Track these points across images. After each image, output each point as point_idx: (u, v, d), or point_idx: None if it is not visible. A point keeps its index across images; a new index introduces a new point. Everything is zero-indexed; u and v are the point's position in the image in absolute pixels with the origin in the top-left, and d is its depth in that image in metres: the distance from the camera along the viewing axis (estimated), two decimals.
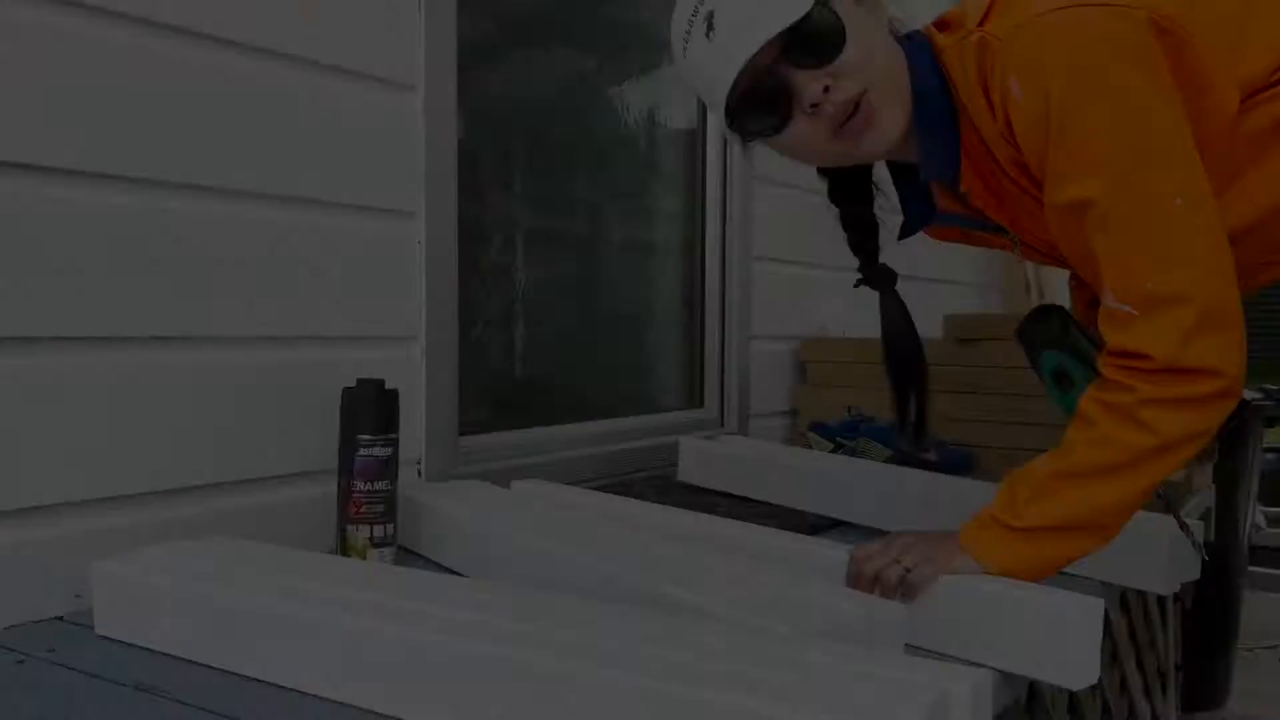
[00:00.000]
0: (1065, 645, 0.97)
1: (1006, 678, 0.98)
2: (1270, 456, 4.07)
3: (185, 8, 1.21)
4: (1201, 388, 0.97)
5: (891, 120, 1.08)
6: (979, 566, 1.04)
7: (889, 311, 1.29)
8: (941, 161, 1.12)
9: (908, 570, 1.04)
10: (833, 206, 1.28)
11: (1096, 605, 0.97)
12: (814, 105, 1.05)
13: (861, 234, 1.29)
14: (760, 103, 1.07)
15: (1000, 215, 1.17)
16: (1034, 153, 1.02)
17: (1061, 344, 1.24)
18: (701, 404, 2.28)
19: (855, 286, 1.32)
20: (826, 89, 1.04)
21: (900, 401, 1.31)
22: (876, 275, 1.29)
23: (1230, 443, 2.37)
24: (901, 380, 1.30)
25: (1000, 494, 1.07)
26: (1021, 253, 1.26)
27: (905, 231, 1.28)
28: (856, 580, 1.07)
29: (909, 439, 1.33)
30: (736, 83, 1.04)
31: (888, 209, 1.29)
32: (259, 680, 0.90)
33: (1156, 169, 0.97)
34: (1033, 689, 1.37)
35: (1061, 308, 1.30)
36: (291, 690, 0.88)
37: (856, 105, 1.05)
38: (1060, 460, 1.04)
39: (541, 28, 1.89)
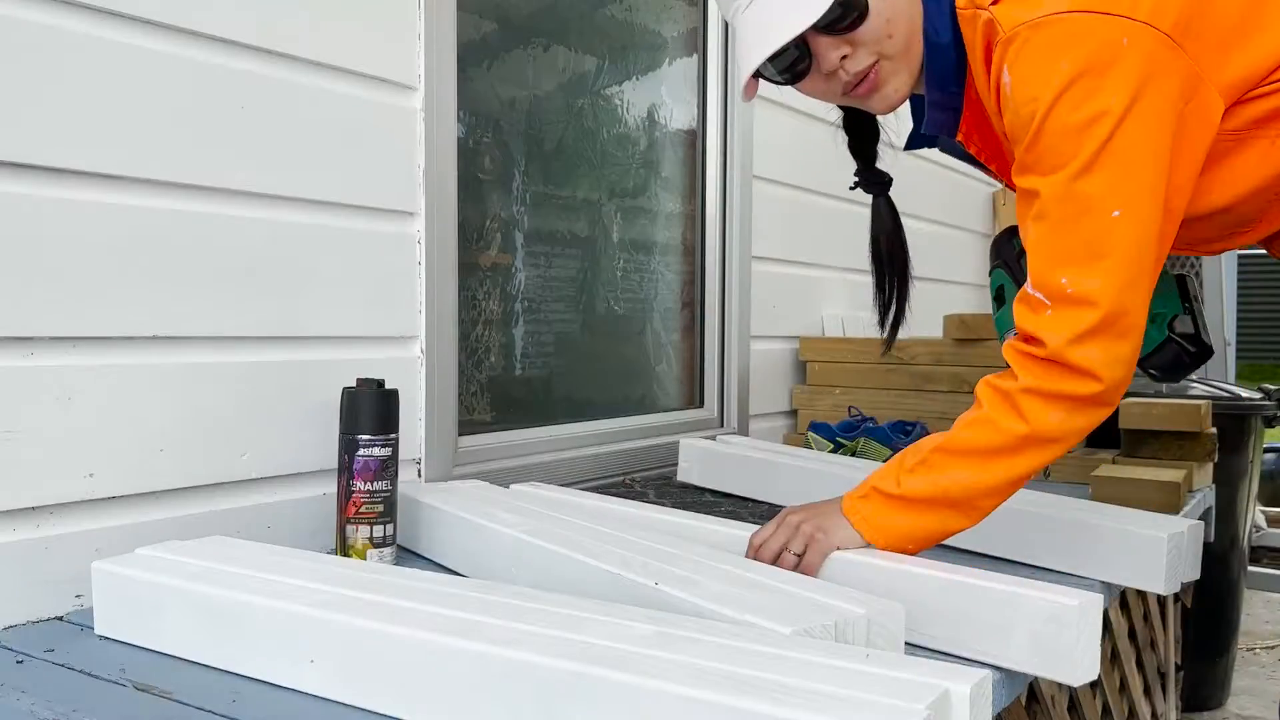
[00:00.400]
0: (1065, 642, 0.97)
1: (1007, 676, 0.98)
2: (1270, 456, 4.07)
3: (185, 8, 1.21)
4: (1078, 387, 1.03)
5: (897, 88, 1.15)
6: (859, 536, 1.10)
7: (879, 213, 1.35)
8: (940, 121, 1.19)
9: (798, 556, 1.11)
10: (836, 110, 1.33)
11: (1095, 601, 0.97)
12: (830, 72, 1.12)
13: (862, 140, 1.34)
14: (784, 63, 1.14)
15: (991, 162, 1.24)
16: (1013, 138, 1.07)
17: (1009, 265, 1.34)
18: (701, 404, 2.28)
19: (850, 189, 1.38)
20: (844, 57, 1.11)
21: (881, 289, 1.36)
22: (872, 179, 1.35)
23: (1230, 443, 2.37)
24: (884, 271, 1.36)
25: (886, 466, 1.14)
26: (1006, 200, 1.35)
27: (911, 144, 1.32)
28: (752, 552, 1.15)
29: (889, 329, 1.38)
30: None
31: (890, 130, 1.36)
32: (259, 680, 0.90)
33: (1105, 178, 1.00)
34: (1033, 689, 1.37)
35: None
36: (291, 690, 0.88)
37: (866, 74, 1.13)
38: (945, 436, 1.09)
39: (541, 28, 1.89)
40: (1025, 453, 1.06)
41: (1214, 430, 1.83)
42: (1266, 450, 3.95)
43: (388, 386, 1.26)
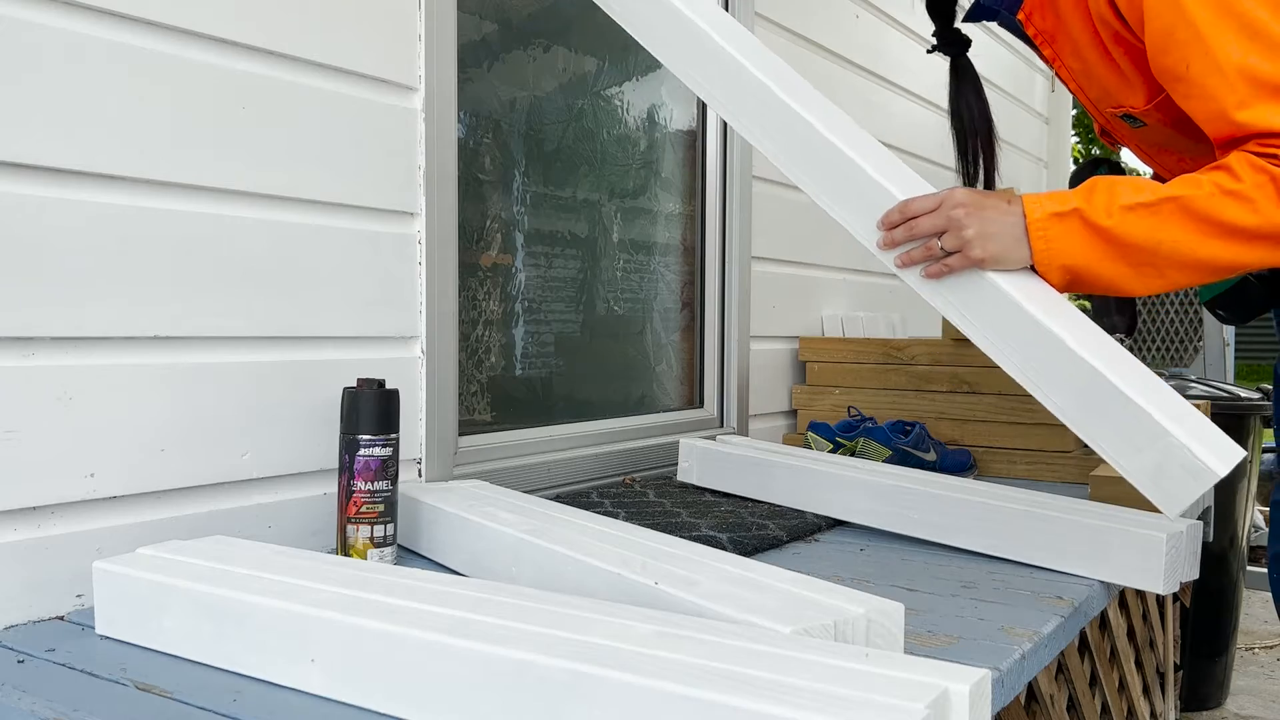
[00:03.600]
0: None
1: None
2: (1269, 457, 4.07)
3: (186, 8, 1.21)
4: None
5: None
6: (1026, 257, 1.03)
7: (961, 74, 1.33)
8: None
9: (944, 252, 1.03)
10: None
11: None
12: None
13: None
14: None
15: (1046, 46, 1.22)
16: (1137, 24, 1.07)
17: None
18: (701, 404, 2.28)
19: (929, 53, 1.36)
20: None
21: (964, 156, 1.33)
22: (951, 38, 1.33)
23: None
24: (967, 136, 1.33)
25: (1089, 189, 1.05)
26: (1056, 86, 1.35)
27: (971, 15, 1.31)
28: (889, 224, 1.08)
29: (967, 179, 1.34)
30: None
31: None
32: (260, 680, 0.90)
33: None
34: (1032, 688, 1.37)
35: (1114, 162, 1.36)
36: (292, 690, 0.88)
37: None
38: (1186, 190, 1.01)
39: (541, 28, 1.89)
40: (1260, 245, 1.00)
41: None
42: (1265, 450, 3.95)
43: (388, 386, 1.26)
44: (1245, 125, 1.01)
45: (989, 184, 1.34)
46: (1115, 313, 1.30)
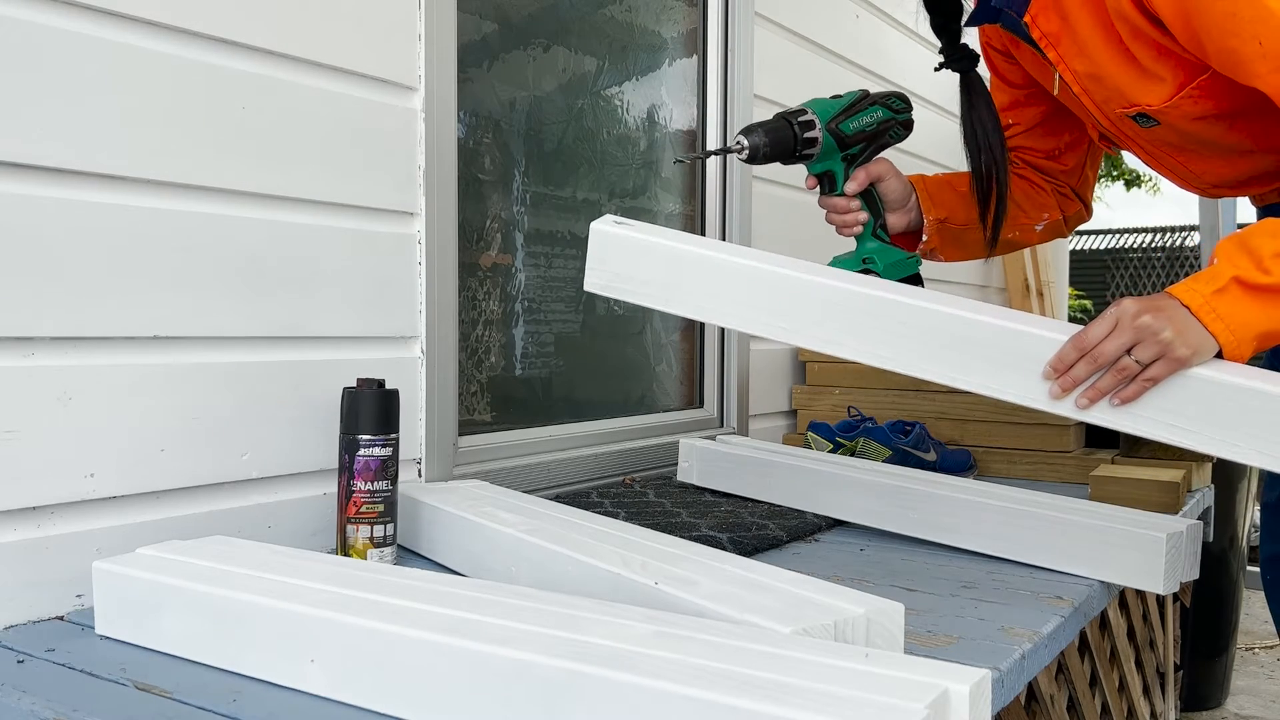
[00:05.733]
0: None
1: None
2: None
3: (186, 8, 1.21)
4: None
5: None
6: (1213, 342, 0.99)
7: (971, 91, 1.31)
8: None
9: (1141, 364, 0.99)
10: None
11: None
12: None
13: (945, 16, 1.32)
14: None
15: (1051, 49, 1.22)
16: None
17: None
18: (701, 404, 2.28)
19: (936, 70, 1.35)
20: None
21: (978, 175, 1.31)
22: (958, 55, 1.32)
23: None
24: (980, 153, 1.30)
25: (1227, 256, 1.02)
26: (1059, 90, 1.30)
27: (974, 19, 1.31)
28: (1064, 365, 1.02)
29: (991, 222, 1.31)
30: None
31: None
32: (260, 680, 0.90)
33: None
34: (1032, 688, 1.37)
35: (898, 94, 1.36)
36: (292, 690, 0.88)
37: None
38: None
39: (541, 28, 1.89)
40: None
41: None
42: None
43: (388, 386, 1.26)
44: None
45: (1001, 202, 1.32)
46: None
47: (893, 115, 1.34)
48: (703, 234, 2.26)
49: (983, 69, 1.36)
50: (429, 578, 0.99)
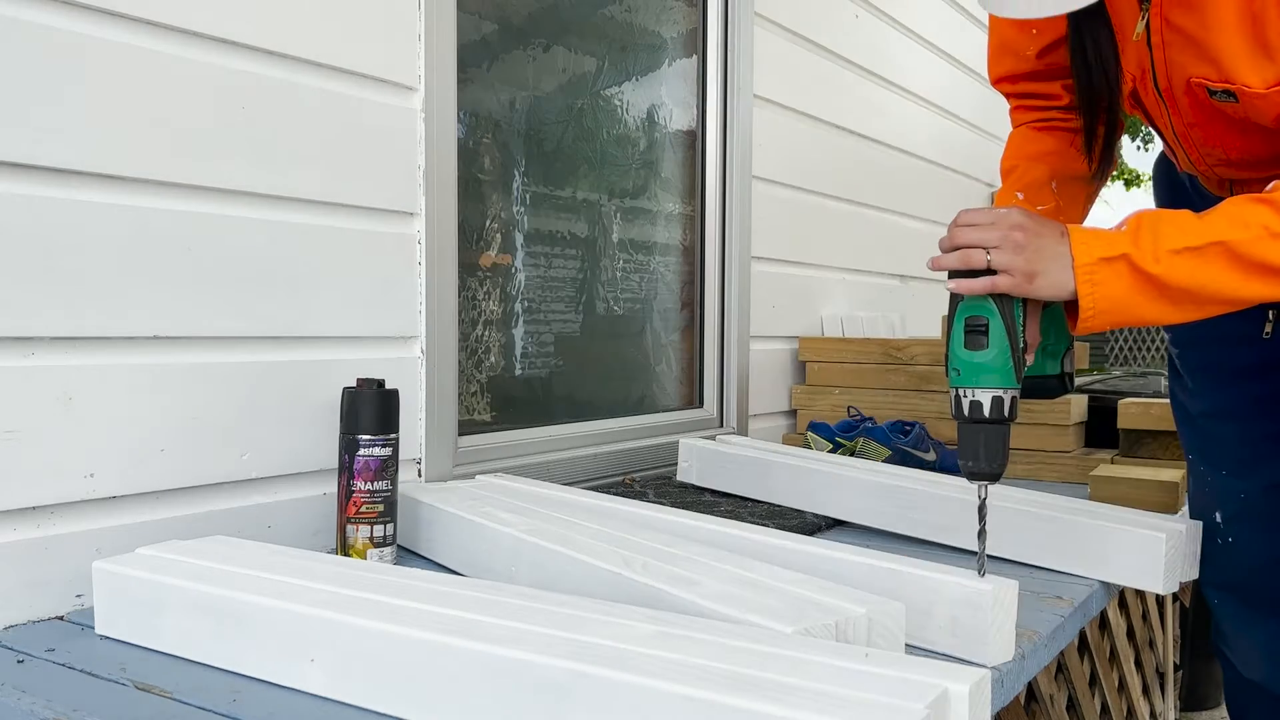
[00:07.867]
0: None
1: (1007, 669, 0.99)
2: None
3: (186, 9, 1.21)
4: None
5: None
6: (1069, 289, 1.01)
7: (1084, 12, 1.26)
8: None
9: (992, 272, 1.02)
10: None
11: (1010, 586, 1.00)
12: None
13: None
14: None
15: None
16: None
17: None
18: (701, 404, 2.28)
19: None
20: None
21: (1088, 106, 1.24)
22: None
23: None
24: (1094, 88, 1.24)
25: (1134, 229, 1.03)
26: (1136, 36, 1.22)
27: None
28: (947, 241, 1.06)
29: (1098, 152, 1.25)
30: None
31: None
32: (259, 680, 0.90)
33: None
34: (1032, 688, 1.37)
35: None
36: (292, 690, 0.88)
37: None
38: (1234, 230, 1.00)
39: (541, 28, 1.89)
40: None
41: None
42: None
43: (388, 386, 1.26)
44: None
45: (1109, 149, 1.26)
46: (984, 458, 1.05)
47: None
48: (702, 233, 2.26)
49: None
50: (429, 578, 0.99)
